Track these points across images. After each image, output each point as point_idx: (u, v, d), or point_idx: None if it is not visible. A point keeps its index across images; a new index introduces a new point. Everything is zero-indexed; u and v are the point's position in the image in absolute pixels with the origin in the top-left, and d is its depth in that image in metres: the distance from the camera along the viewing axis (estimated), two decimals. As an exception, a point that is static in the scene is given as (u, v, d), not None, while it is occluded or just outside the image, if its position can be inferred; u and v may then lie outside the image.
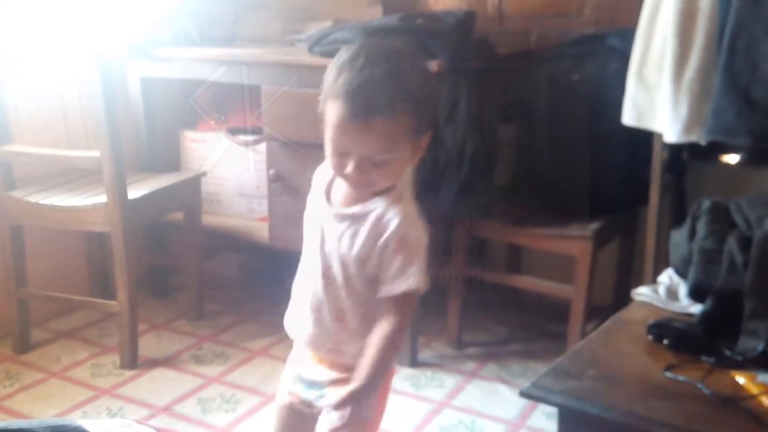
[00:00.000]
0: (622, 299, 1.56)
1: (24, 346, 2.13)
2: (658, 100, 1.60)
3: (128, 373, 2.02)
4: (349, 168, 0.99)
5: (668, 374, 1.17)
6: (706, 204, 1.42)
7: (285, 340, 2.23)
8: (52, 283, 2.23)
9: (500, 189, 2.11)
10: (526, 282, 2.13)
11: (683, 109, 1.53)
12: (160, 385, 1.97)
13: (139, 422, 1.62)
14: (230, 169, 2.42)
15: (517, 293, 2.34)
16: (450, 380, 2.00)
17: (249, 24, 2.51)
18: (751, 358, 1.19)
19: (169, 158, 2.48)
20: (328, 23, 2.26)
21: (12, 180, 2.05)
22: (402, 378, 2.02)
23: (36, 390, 1.94)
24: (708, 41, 1.51)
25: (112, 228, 1.96)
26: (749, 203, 1.41)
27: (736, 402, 1.10)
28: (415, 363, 2.08)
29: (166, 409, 1.84)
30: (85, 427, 0.79)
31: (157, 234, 2.48)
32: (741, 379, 1.15)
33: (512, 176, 2.15)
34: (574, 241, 1.90)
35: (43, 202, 2.01)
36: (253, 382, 1.98)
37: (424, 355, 2.13)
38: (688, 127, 1.53)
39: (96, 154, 1.92)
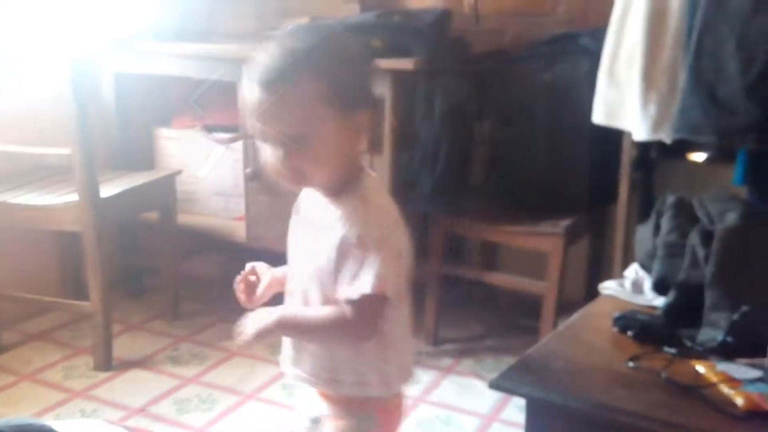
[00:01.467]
0: (593, 294, 1.61)
1: None
2: (627, 99, 1.66)
3: (102, 375, 2.03)
4: (273, 157, 0.96)
5: (631, 364, 1.23)
6: (670, 199, 1.49)
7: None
8: (22, 283, 2.21)
9: (475, 187, 2.16)
10: (500, 279, 2.18)
11: (652, 107, 1.59)
12: (135, 386, 1.98)
13: (111, 423, 1.64)
14: (206, 168, 2.43)
15: (492, 290, 2.39)
16: (426, 376, 2.05)
17: (224, 19, 2.53)
18: (711, 348, 1.24)
19: (143, 156, 2.49)
20: (304, 19, 2.29)
21: None
22: (378, 375, 2.06)
23: (7, 393, 1.94)
24: (676, 41, 1.56)
25: (83, 227, 1.96)
26: (712, 198, 1.48)
27: (696, 390, 1.15)
28: (391, 360, 2.12)
29: (142, 411, 1.86)
30: (54, 427, 0.81)
31: (131, 233, 2.49)
32: (701, 368, 1.21)
33: (487, 174, 2.21)
34: (545, 238, 1.96)
35: (11, 201, 2.00)
36: (231, 381, 2.00)
37: (401, 352, 2.18)
38: (657, 125, 1.59)
39: (67, 151, 1.92)
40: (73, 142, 1.91)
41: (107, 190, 2.04)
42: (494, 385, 1.19)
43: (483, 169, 2.20)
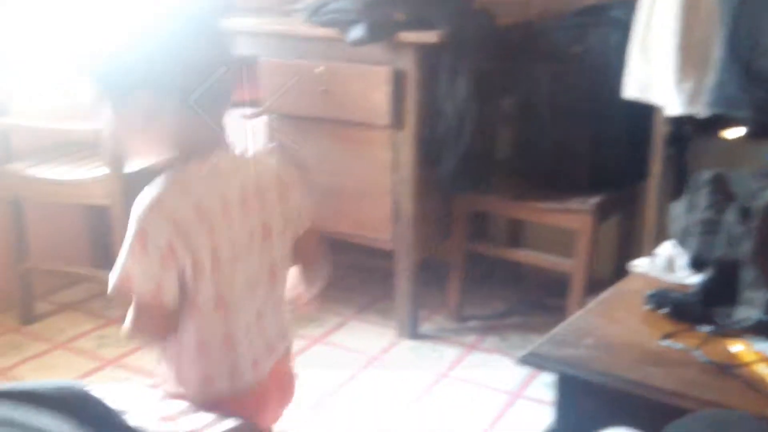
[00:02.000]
0: (622, 273, 1.58)
1: (28, 317, 2.17)
2: (660, 73, 1.61)
3: (133, 345, 2.05)
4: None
5: (664, 342, 1.21)
6: (706, 175, 1.45)
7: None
8: (55, 256, 2.26)
9: (501, 163, 2.13)
10: (526, 256, 2.16)
11: (686, 81, 1.55)
12: None
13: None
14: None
15: (517, 267, 2.37)
16: (450, 352, 2.05)
17: None
18: (747, 326, 1.22)
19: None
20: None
21: (9, 153, 2.07)
22: (403, 349, 2.06)
23: (41, 360, 1.99)
24: (711, 13, 1.52)
25: (112, 201, 1.98)
26: (750, 175, 1.44)
27: (731, 369, 1.13)
28: (415, 335, 2.12)
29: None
30: (90, 389, 0.82)
31: None
32: (736, 347, 1.18)
33: (513, 150, 2.17)
34: (575, 215, 1.92)
35: (42, 175, 2.02)
36: None
37: (425, 327, 2.17)
38: (691, 99, 1.55)
39: (95, 126, 1.94)
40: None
41: (134, 165, 2.05)
42: (524, 361, 1.18)
43: (509, 145, 2.16)
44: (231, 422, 1.01)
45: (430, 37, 1.84)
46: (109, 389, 1.00)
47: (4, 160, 2.06)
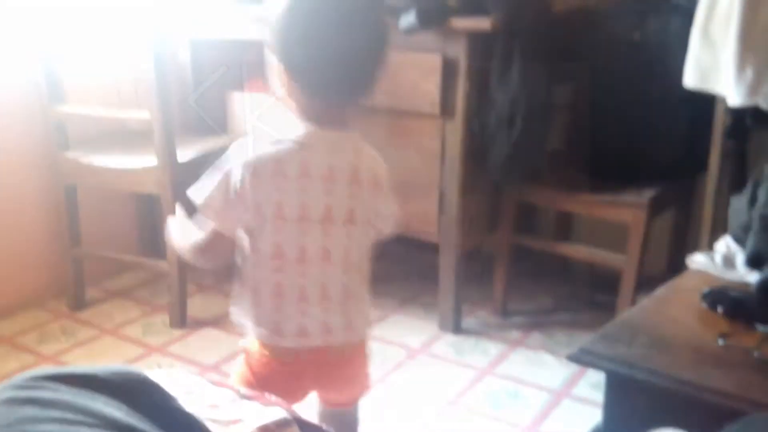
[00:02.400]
0: (676, 269, 1.54)
1: (79, 303, 2.24)
2: (722, 61, 1.55)
3: (177, 332, 2.11)
4: None
5: (721, 342, 1.17)
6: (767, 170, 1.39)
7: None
8: (104, 243, 2.33)
9: (553, 154, 2.09)
10: (575, 250, 2.12)
11: (749, 70, 1.49)
12: (207, 344, 2.05)
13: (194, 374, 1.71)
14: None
15: (565, 262, 2.33)
16: (494, 348, 2.03)
17: None
18: (811, 328, 1.17)
19: (217, 120, 2.54)
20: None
21: (66, 140, 2.13)
22: (445, 344, 2.05)
23: (90, 346, 2.05)
24: (779, -2, 1.46)
25: (161, 190, 2.02)
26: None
27: None
28: (458, 330, 2.11)
29: (214, 368, 1.92)
30: (147, 374, 0.84)
31: None
32: None
33: (566, 141, 2.13)
34: (628, 209, 1.88)
35: (96, 163, 2.08)
36: None
37: (468, 322, 2.16)
38: (754, 89, 1.49)
39: (146, 115, 1.98)
40: (152, 107, 1.97)
41: (184, 154, 2.10)
42: (574, 359, 1.16)
43: (563, 135, 2.12)
44: (277, 412, 1.03)
45: (483, 23, 1.81)
46: (162, 374, 1.02)
47: (61, 147, 2.12)
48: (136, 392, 0.74)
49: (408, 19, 1.84)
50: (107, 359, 1.97)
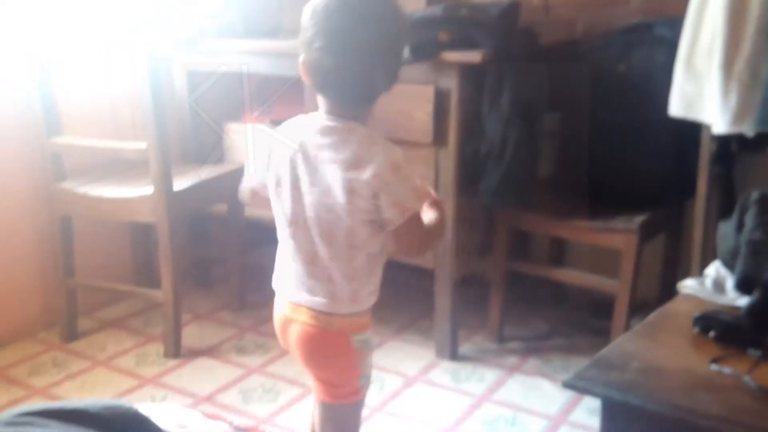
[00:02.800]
0: (668, 294, 1.57)
1: (71, 334, 2.23)
2: (706, 91, 1.61)
3: (172, 363, 2.11)
4: None
5: (714, 367, 1.19)
6: (754, 195, 1.43)
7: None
8: (98, 273, 2.34)
9: (544, 181, 2.14)
10: (569, 276, 2.16)
11: (733, 99, 1.54)
12: (202, 374, 2.05)
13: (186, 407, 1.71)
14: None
15: (560, 287, 2.36)
16: (490, 374, 2.05)
17: (292, 15, 2.57)
18: (800, 351, 1.20)
19: (214, 150, 2.57)
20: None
21: (62, 171, 2.15)
22: (442, 371, 2.07)
23: (82, 378, 2.04)
24: (759, 29, 1.51)
25: (157, 219, 2.04)
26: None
27: None
28: (455, 356, 2.12)
29: (209, 399, 1.93)
30: (138, 409, 0.85)
31: (201, 225, 2.57)
32: None
33: (556, 168, 2.18)
34: (619, 235, 1.92)
35: (91, 193, 2.10)
36: (294, 373, 2.04)
37: (465, 348, 2.18)
38: (738, 117, 1.54)
39: (143, 145, 2.01)
40: (149, 137, 1.99)
41: (180, 183, 2.12)
42: (569, 385, 1.18)
43: (552, 163, 2.17)
44: None
45: (473, 56, 1.87)
46: (154, 408, 1.03)
47: (57, 178, 2.14)
48: (126, 427, 0.75)
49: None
50: (99, 391, 1.96)
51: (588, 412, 1.82)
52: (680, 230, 2.11)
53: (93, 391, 1.96)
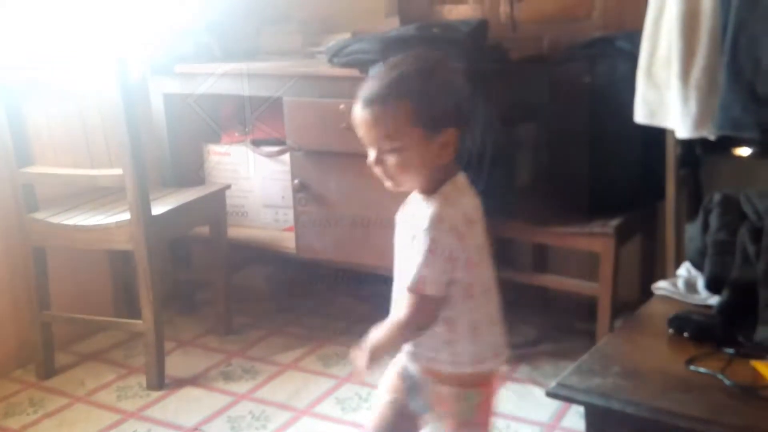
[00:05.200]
0: (649, 294, 1.66)
1: (48, 371, 2.18)
2: (668, 98, 1.70)
3: (155, 394, 2.06)
4: (369, 159, 1.18)
5: (690, 367, 1.28)
6: (716, 197, 1.53)
7: (315, 352, 2.33)
8: (75, 304, 2.29)
9: (521, 189, 2.23)
10: (552, 281, 2.23)
11: (692, 105, 1.64)
12: (188, 404, 2.01)
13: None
14: (255, 181, 2.55)
15: (544, 293, 2.42)
16: (480, 384, 2.11)
17: (270, 37, 2.62)
18: (770, 346, 1.29)
19: (193, 172, 2.60)
20: (346, 35, 2.38)
21: (34, 202, 2.12)
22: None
23: (61, 416, 1.98)
24: (712, 40, 1.62)
25: (135, 246, 2.01)
26: (759, 195, 1.52)
27: (756, 391, 1.20)
28: (444, 367, 2.19)
29: (195, 430, 1.90)
30: None
31: (182, 249, 2.57)
32: (761, 368, 1.25)
33: (534, 176, 2.28)
34: (596, 238, 2.01)
35: (65, 222, 2.07)
36: (284, 396, 2.03)
37: (453, 359, 2.24)
38: (699, 122, 1.63)
39: (119, 172, 1.99)
40: (124, 164, 1.98)
41: (159, 208, 2.11)
42: (552, 394, 1.25)
43: (529, 172, 2.27)
44: None
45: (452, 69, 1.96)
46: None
47: (29, 209, 2.11)
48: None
49: (376, 71, 1.99)
50: (79, 429, 1.92)
51: (579, 417, 1.83)
52: (655, 232, 2.21)
53: (72, 429, 1.91)
